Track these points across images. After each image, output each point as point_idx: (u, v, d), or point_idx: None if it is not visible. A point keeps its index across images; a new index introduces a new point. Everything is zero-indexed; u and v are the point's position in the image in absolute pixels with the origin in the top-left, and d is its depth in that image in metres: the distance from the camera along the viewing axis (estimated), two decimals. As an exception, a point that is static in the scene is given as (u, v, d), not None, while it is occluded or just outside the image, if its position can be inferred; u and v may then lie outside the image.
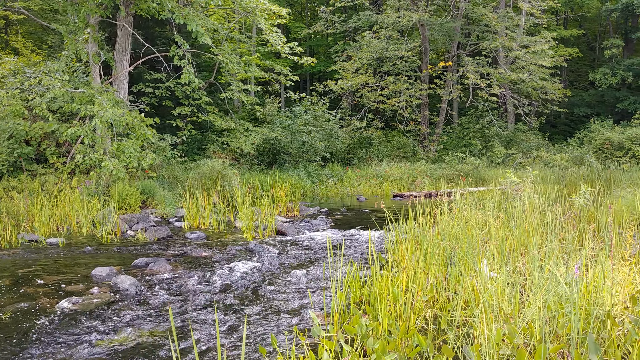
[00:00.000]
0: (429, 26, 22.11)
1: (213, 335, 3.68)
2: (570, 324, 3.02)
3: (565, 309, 3.21)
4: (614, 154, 21.27)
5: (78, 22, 9.63)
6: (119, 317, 4.05)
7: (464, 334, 3.41)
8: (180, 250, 6.74)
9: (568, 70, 27.56)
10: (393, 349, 2.77)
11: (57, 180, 9.88)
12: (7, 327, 3.81)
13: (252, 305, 4.39)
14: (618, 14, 25.05)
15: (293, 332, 3.75)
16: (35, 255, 6.35)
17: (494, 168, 19.24)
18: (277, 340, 3.59)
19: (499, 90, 20.39)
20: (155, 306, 4.34)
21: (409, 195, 14.66)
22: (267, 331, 3.78)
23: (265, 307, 4.33)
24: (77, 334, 3.70)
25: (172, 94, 14.50)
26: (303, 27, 29.08)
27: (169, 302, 4.44)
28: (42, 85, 8.74)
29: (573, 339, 3.04)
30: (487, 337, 3.09)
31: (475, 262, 4.21)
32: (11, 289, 4.79)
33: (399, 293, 3.38)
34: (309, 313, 4.17)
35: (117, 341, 3.60)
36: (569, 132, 26.27)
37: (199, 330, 3.79)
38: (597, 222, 5.42)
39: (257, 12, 14.49)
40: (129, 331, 3.77)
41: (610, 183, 12.87)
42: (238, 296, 4.64)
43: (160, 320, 4.02)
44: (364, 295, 4.19)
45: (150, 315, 4.12)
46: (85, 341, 3.59)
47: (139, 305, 4.37)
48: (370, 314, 3.61)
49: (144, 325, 3.90)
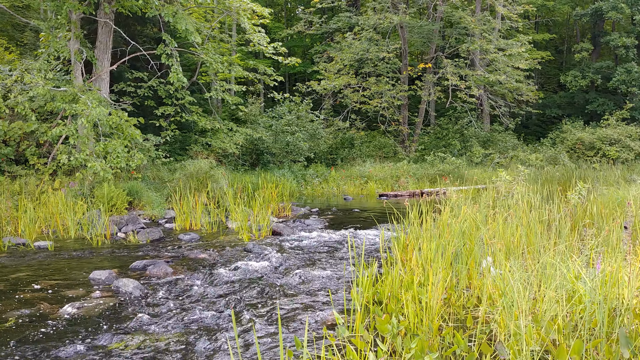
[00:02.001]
0: (408, 28, 22.35)
1: (231, 338, 3.59)
2: (596, 318, 3.07)
3: (586, 303, 3.26)
4: (585, 154, 21.96)
5: (60, 18, 9.30)
6: (128, 321, 3.92)
7: (483, 331, 3.42)
8: (176, 252, 6.59)
9: (538, 72, 28.29)
10: (428, 348, 2.75)
11: (39, 182, 9.52)
12: (13, 334, 3.63)
13: (265, 306, 4.31)
14: (588, 18, 25.88)
15: (314, 332, 3.70)
16: (25, 259, 6.09)
17: (473, 168, 19.60)
18: (299, 339, 3.54)
19: (478, 92, 20.78)
20: (165, 309, 4.22)
21: (394, 195, 14.77)
22: (288, 331, 3.72)
23: (280, 308, 4.26)
24: (88, 340, 3.56)
25: (154, 93, 14.20)
26: (282, 27, 28.97)
27: (178, 305, 4.32)
28: (23, 84, 8.39)
29: (597, 333, 3.10)
30: (513, 332, 3.12)
31: (488, 260, 4.25)
32: (7, 294, 4.58)
33: (423, 292, 3.37)
34: (324, 312, 4.12)
35: (132, 346, 3.47)
36: (541, 133, 26.98)
37: (217, 332, 3.70)
38: (594, 218, 5.56)
39: (240, 11, 14.35)
40: (142, 335, 3.65)
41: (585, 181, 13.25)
42: (248, 297, 4.56)
43: (172, 323, 3.90)
44: (379, 294, 4.17)
45: (161, 318, 4.00)
46: (98, 346, 3.45)
47: (147, 308, 4.24)
48: (392, 313, 3.59)
49: (156, 329, 3.78)
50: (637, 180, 12.67)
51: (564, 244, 4.01)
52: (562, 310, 3.23)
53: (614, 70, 24.36)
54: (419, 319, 3.28)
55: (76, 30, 10.08)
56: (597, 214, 5.85)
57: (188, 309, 4.21)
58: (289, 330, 3.75)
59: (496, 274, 3.95)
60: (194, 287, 4.86)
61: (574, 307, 3.40)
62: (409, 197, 15.10)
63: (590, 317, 3.00)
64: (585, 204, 6.19)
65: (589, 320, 3.01)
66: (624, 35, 23.72)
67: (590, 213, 5.89)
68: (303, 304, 4.37)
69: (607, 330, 3.07)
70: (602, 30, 26.93)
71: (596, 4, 24.81)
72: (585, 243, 5.18)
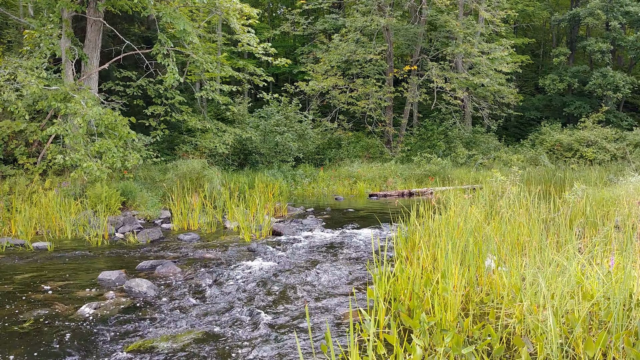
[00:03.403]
0: (394, 31, 22.61)
1: (259, 336, 3.64)
2: (611, 312, 3.23)
3: (598, 298, 3.42)
4: (564, 155, 22.60)
5: (53, 16, 9.13)
6: (150, 321, 3.92)
7: (503, 325, 3.55)
8: (179, 252, 6.57)
9: (517, 76, 28.95)
10: (463, 343, 2.86)
11: (28, 182, 9.34)
12: (35, 335, 3.60)
13: (283, 303, 4.36)
14: (565, 23, 26.63)
15: (336, 328, 3.77)
16: (26, 260, 6.00)
17: (458, 168, 19.96)
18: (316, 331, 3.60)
19: (463, 94, 21.16)
20: (184, 308, 4.23)
21: (384, 195, 14.95)
22: (313, 326, 3.78)
23: (299, 305, 4.32)
24: (114, 340, 3.56)
25: (143, 92, 14.04)
26: (267, 27, 28.94)
27: (197, 304, 4.34)
28: (17, 82, 8.22)
29: (612, 326, 3.26)
30: (535, 326, 3.25)
31: (492, 257, 4.39)
32: (18, 296, 4.52)
33: (446, 288, 3.48)
34: (342, 309, 4.20)
35: (158, 346, 3.49)
36: (520, 135, 27.63)
37: (242, 329, 3.74)
38: (592, 217, 5.78)
39: (230, 11, 14.32)
40: (166, 335, 3.66)
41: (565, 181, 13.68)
42: (264, 295, 4.60)
43: (195, 321, 3.92)
44: (393, 291, 4.27)
45: (183, 317, 4.01)
46: (126, 346, 3.45)
47: (166, 308, 4.25)
48: (413, 309, 3.69)
49: (181, 327, 3.79)
50: (615, 180, 13.14)
51: (571, 243, 4.18)
52: (577, 304, 3.38)
53: (590, 74, 25.12)
54: (444, 314, 3.39)
55: (67, 29, 9.93)
56: (590, 213, 6.08)
57: (208, 308, 4.24)
58: (312, 326, 3.82)
59: (507, 270, 4.10)
60: (207, 287, 4.88)
61: (587, 302, 3.55)
62: (398, 197, 15.30)
63: (606, 311, 3.15)
64: (579, 202, 6.42)
65: (606, 313, 3.16)
66: (600, 41, 24.47)
67: (583, 212, 6.12)
68: (319, 301, 4.43)
69: (621, 324, 3.23)
70: (577, 36, 27.74)
71: (574, 10, 25.56)
72: (585, 241, 5.40)
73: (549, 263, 3.75)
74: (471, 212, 5.16)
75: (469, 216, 5.06)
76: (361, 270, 5.58)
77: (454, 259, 4.48)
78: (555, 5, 31.64)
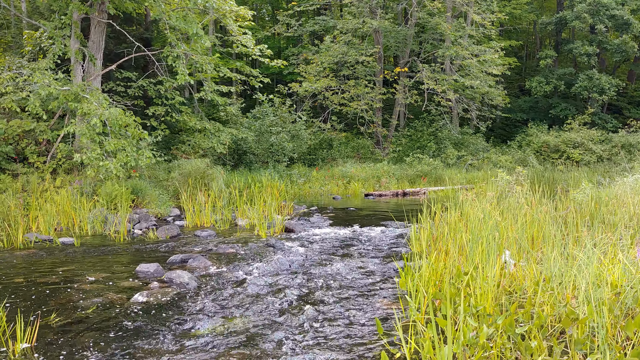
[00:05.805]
0: (384, 33, 23.03)
1: (305, 322, 3.91)
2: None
3: (624, 286, 3.78)
4: (551, 156, 23.30)
5: (65, 19, 9.25)
6: (202, 308, 4.16)
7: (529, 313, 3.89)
8: (202, 247, 6.79)
9: (504, 78, 29.68)
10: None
11: (40, 180, 9.42)
12: (103, 320, 3.81)
13: (320, 292, 4.64)
14: (552, 27, 27.41)
15: (375, 315, 4.07)
16: (58, 254, 6.16)
17: (449, 169, 20.46)
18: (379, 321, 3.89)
19: (454, 96, 21.66)
20: (228, 297, 4.48)
21: (379, 195, 15.32)
22: (348, 315, 4.07)
23: (335, 294, 4.60)
24: (177, 324, 3.79)
25: (144, 93, 14.16)
26: (257, 28, 29.09)
27: (238, 293, 4.59)
28: (33, 83, 8.32)
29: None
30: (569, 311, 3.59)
31: (506, 253, 4.75)
32: (69, 286, 4.70)
33: (483, 278, 3.80)
34: (375, 298, 4.50)
35: (218, 330, 3.74)
36: (506, 136, 28.34)
37: (288, 314, 4.00)
38: (599, 214, 6.19)
39: (227, 13, 14.54)
40: (222, 320, 3.91)
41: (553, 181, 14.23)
42: (297, 287, 4.86)
43: (242, 309, 4.18)
44: (426, 282, 4.57)
45: (230, 305, 4.26)
46: (188, 330, 3.70)
47: (211, 297, 4.49)
48: (452, 298, 4.00)
49: (232, 314, 4.05)
50: (603, 181, 13.74)
51: (591, 238, 4.55)
52: (607, 293, 3.73)
53: (575, 77, 25.91)
54: (488, 300, 3.71)
55: (77, 30, 10.03)
56: (597, 211, 6.50)
57: (249, 298, 4.49)
58: (350, 314, 4.11)
59: (526, 264, 4.45)
60: (241, 278, 5.13)
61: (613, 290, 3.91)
62: (392, 197, 15.70)
63: (634, 298, 3.50)
64: (586, 201, 6.84)
65: (635, 300, 3.51)
66: (586, 44, 25.24)
67: (591, 210, 6.54)
68: (350, 290, 4.73)
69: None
70: (563, 39, 28.58)
71: (560, 13, 26.32)
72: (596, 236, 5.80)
73: (572, 256, 4.10)
74: (488, 209, 5.51)
75: (487, 213, 5.41)
76: (381, 263, 5.88)
77: (483, 252, 4.82)
78: (540, 8, 32.51)
